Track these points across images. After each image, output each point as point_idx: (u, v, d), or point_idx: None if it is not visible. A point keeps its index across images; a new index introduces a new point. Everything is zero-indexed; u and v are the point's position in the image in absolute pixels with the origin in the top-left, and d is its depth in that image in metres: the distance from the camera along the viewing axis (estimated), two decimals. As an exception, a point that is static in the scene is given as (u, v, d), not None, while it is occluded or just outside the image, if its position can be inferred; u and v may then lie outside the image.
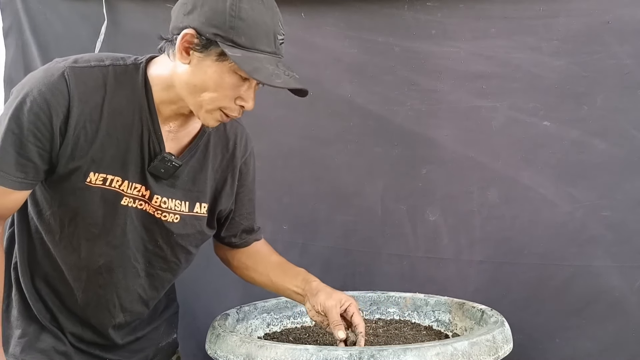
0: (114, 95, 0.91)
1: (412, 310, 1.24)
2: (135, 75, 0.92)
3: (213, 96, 0.88)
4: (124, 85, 0.92)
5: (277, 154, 1.59)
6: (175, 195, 0.98)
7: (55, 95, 0.87)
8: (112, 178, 0.93)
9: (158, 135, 0.94)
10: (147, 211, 0.97)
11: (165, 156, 0.94)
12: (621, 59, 1.32)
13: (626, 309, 1.34)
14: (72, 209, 0.93)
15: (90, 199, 0.92)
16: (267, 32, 0.88)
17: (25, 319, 1.00)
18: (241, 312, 1.18)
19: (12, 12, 1.73)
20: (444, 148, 1.46)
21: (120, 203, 0.94)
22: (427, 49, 1.45)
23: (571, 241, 1.38)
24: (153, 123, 0.93)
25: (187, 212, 1.00)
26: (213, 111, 0.90)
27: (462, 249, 1.46)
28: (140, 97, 0.92)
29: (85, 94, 0.89)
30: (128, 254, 0.98)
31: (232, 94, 0.89)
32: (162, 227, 0.98)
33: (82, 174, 0.91)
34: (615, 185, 1.35)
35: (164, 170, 0.95)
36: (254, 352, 0.92)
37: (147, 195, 0.96)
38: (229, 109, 0.90)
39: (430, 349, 0.87)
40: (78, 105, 0.88)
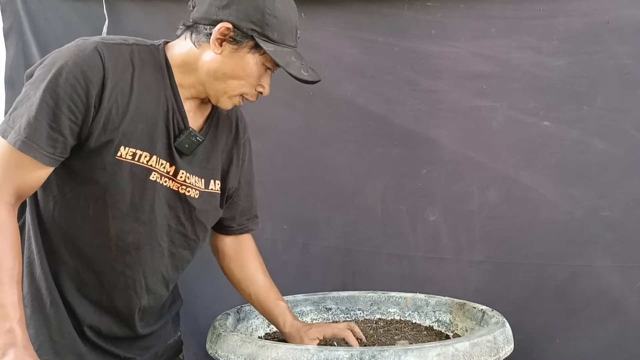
0: (141, 71, 0.95)
1: (412, 311, 1.24)
2: (157, 54, 0.97)
3: (240, 83, 0.97)
4: (148, 63, 0.96)
5: (277, 154, 1.59)
6: (195, 171, 1.02)
7: (91, 67, 0.89)
8: (140, 153, 0.95)
9: (182, 112, 0.99)
10: (171, 188, 1.00)
11: (191, 131, 0.99)
12: (621, 59, 1.32)
13: (626, 309, 1.34)
14: (101, 185, 0.94)
15: (120, 174, 0.94)
16: (291, 29, 0.97)
17: (39, 317, 0.98)
18: (242, 312, 1.19)
19: (13, 12, 1.72)
20: (444, 148, 1.46)
21: (149, 178, 0.96)
22: (427, 49, 1.45)
23: (571, 241, 1.38)
24: (176, 100, 0.98)
25: (204, 188, 1.04)
26: (234, 97, 0.98)
27: (462, 249, 1.46)
28: (164, 74, 0.97)
29: (117, 67, 0.92)
30: (155, 232, 0.99)
31: (256, 81, 0.98)
32: (185, 203, 1.01)
33: (114, 148, 0.93)
34: (615, 185, 1.35)
35: (189, 145, 0.99)
36: (255, 352, 0.92)
37: (172, 171, 0.99)
38: (250, 94, 0.99)
39: (431, 350, 0.87)
40: (112, 78, 0.91)
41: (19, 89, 1.77)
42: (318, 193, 1.57)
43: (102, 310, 1.01)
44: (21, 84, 1.78)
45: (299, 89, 1.57)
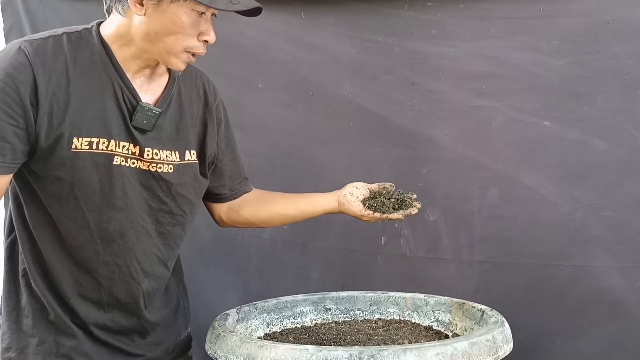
0: (75, 58, 0.92)
1: (412, 310, 1.24)
2: (90, 37, 0.94)
3: (177, 38, 0.91)
4: (82, 49, 0.93)
5: (277, 154, 1.59)
6: (165, 146, 0.99)
7: (17, 68, 0.88)
8: (97, 140, 0.93)
9: (130, 89, 0.95)
10: (141, 168, 0.97)
11: (143, 105, 0.95)
12: (621, 59, 1.32)
13: (627, 309, 1.34)
14: (66, 182, 0.92)
15: (82, 166, 0.92)
16: None
17: (42, 325, 0.98)
18: (241, 312, 1.18)
19: (13, 12, 1.73)
20: (444, 148, 1.46)
21: (113, 163, 0.94)
22: (427, 49, 1.45)
23: (571, 241, 1.37)
24: (122, 78, 0.95)
25: (179, 161, 1.01)
26: (179, 54, 0.93)
27: (462, 249, 1.45)
28: (102, 55, 0.94)
29: (46, 61, 0.89)
30: (134, 215, 0.98)
31: (193, 31, 0.92)
32: (160, 179, 0.99)
33: (66, 142, 0.91)
34: (615, 185, 1.35)
35: (147, 121, 0.96)
36: (254, 352, 0.91)
37: (137, 151, 0.96)
38: (195, 47, 0.93)
39: (430, 349, 0.87)
40: (43, 73, 0.89)
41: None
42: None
43: (106, 307, 1.01)
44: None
45: (299, 89, 1.59)
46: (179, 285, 1.16)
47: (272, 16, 1.55)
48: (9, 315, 0.99)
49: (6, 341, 0.98)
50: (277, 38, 1.57)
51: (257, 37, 1.58)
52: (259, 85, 1.60)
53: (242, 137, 1.23)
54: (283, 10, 1.55)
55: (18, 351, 0.97)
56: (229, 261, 1.62)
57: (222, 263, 1.38)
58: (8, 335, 0.98)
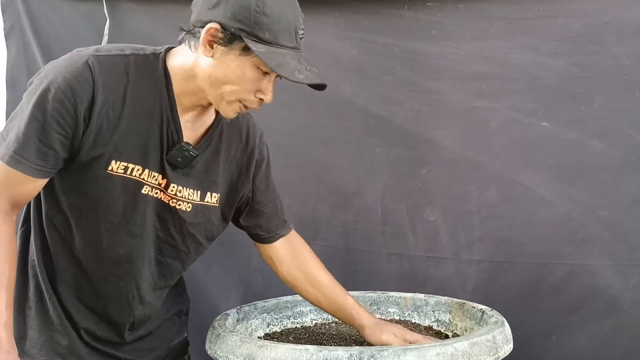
0: (135, 83, 0.92)
1: (412, 311, 1.25)
2: (156, 64, 0.94)
3: (234, 89, 0.91)
4: (145, 74, 0.93)
5: (277, 154, 1.57)
6: (189, 184, 1.00)
7: (80, 82, 0.88)
8: (133, 167, 0.94)
9: (177, 125, 0.96)
10: (162, 200, 0.98)
11: (183, 145, 0.96)
12: (620, 60, 1.33)
13: (622, 307, 1.35)
14: (93, 198, 0.93)
15: (112, 188, 0.93)
16: (289, 28, 0.90)
17: (42, 319, 0.99)
18: (241, 312, 1.19)
19: (14, 12, 1.71)
20: (443, 148, 1.46)
21: (141, 192, 0.95)
22: (427, 49, 1.46)
23: (569, 240, 1.39)
24: (172, 112, 0.95)
25: (199, 201, 1.02)
26: (233, 103, 0.93)
27: (462, 249, 1.46)
28: (161, 86, 0.94)
29: (109, 81, 0.90)
30: (146, 243, 0.99)
31: (253, 87, 0.92)
32: (175, 215, 0.99)
33: (105, 162, 0.92)
34: (612, 185, 1.36)
35: (181, 159, 0.96)
36: (254, 352, 0.92)
37: (163, 184, 0.97)
38: (249, 101, 0.93)
39: (431, 349, 0.88)
40: (102, 93, 0.89)
41: (20, 88, 1.78)
42: (318, 193, 1.57)
43: (97, 317, 1.02)
44: (22, 83, 1.79)
45: (299, 89, 1.59)
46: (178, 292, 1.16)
47: (272, 16, 1.54)
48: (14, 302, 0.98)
49: None
50: (277, 38, 1.56)
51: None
52: (259, 85, 1.59)
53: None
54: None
55: (18, 338, 0.97)
56: (230, 261, 1.63)
57: (223, 263, 1.38)
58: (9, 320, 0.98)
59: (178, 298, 1.16)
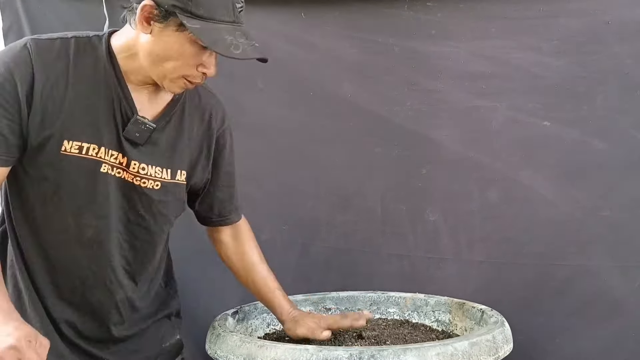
0: (77, 63, 0.92)
1: (412, 311, 1.25)
2: (99, 44, 0.95)
3: (175, 65, 0.91)
4: (88, 54, 0.93)
5: (277, 154, 1.59)
6: (156, 162, 0.99)
7: (18, 64, 0.88)
8: (87, 146, 0.93)
9: (129, 101, 0.95)
10: (125, 179, 0.97)
11: (138, 119, 0.95)
12: (621, 59, 1.32)
13: (626, 309, 1.34)
14: (53, 182, 0.93)
15: (69, 169, 0.92)
16: (225, 3, 0.89)
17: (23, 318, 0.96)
18: (241, 312, 1.19)
19: (12, 12, 1.72)
20: (444, 148, 1.46)
21: (100, 171, 0.94)
22: (427, 49, 1.46)
23: (571, 241, 1.38)
24: (122, 89, 0.94)
25: (169, 179, 1.01)
26: (176, 79, 0.93)
27: (462, 249, 1.46)
28: (106, 63, 0.94)
29: (48, 62, 0.90)
30: (113, 224, 0.98)
31: (194, 61, 0.91)
32: (142, 194, 0.98)
33: (56, 143, 0.91)
34: (614, 185, 1.35)
35: (139, 134, 0.95)
36: (254, 352, 0.92)
37: (124, 162, 0.96)
38: (192, 76, 0.93)
39: (431, 349, 0.87)
40: (42, 72, 0.89)
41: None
42: (318, 193, 1.57)
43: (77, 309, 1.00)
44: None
45: (299, 89, 1.59)
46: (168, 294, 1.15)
47: (272, 16, 1.55)
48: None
49: None
50: (277, 38, 1.57)
51: (257, 37, 1.57)
52: (258, 85, 1.59)
53: (241, 137, 1.23)
54: (283, 10, 1.54)
55: None
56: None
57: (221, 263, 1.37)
58: None
59: (168, 300, 1.15)
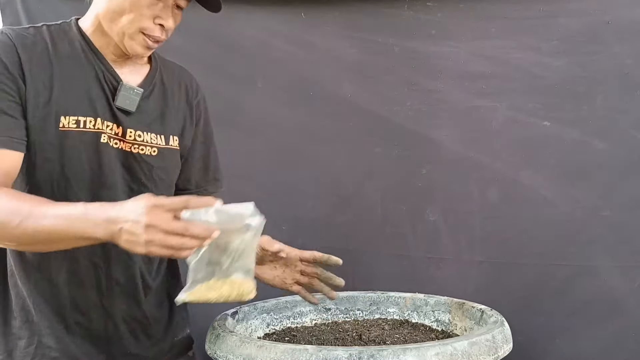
0: (54, 44, 0.95)
1: (412, 310, 1.24)
2: (69, 28, 0.99)
3: (131, 17, 0.93)
4: (62, 37, 0.97)
5: (277, 154, 1.59)
6: (150, 129, 1.01)
7: (3, 48, 0.90)
8: (84, 119, 0.94)
9: (111, 72, 0.98)
10: (123, 149, 0.98)
11: (125, 85, 0.97)
12: (621, 59, 1.32)
13: (626, 309, 1.34)
14: (57, 162, 0.93)
15: (70, 145, 0.93)
16: None
17: (29, 327, 0.97)
18: (241, 312, 1.18)
19: (12, 12, 1.72)
20: (444, 148, 1.46)
21: (100, 141, 0.96)
22: (427, 49, 1.46)
23: (571, 241, 1.38)
24: (102, 62, 0.98)
25: (164, 145, 1.03)
26: (135, 35, 0.95)
27: (462, 249, 1.46)
28: (80, 42, 0.97)
29: (27, 44, 0.93)
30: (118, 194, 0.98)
31: (149, 12, 0.93)
32: (142, 161, 1.00)
33: (54, 120, 0.92)
34: (614, 185, 1.35)
35: (129, 100, 0.97)
36: (254, 352, 0.91)
37: (119, 132, 0.98)
38: (149, 29, 0.95)
39: (430, 349, 0.87)
40: (25, 53, 0.91)
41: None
42: (318, 193, 1.57)
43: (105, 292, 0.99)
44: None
45: (299, 89, 1.59)
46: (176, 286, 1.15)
47: (272, 16, 1.55)
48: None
49: None
50: (277, 38, 1.57)
51: (257, 37, 1.58)
52: (258, 85, 1.59)
53: (241, 136, 1.23)
54: (283, 10, 1.54)
55: (6, 354, 0.96)
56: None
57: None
58: None
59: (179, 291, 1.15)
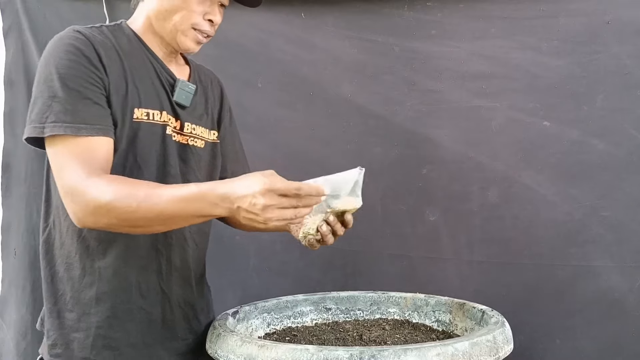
0: (119, 43, 1.00)
1: (412, 311, 1.24)
2: (124, 29, 1.04)
3: (183, 14, 1.00)
4: (120, 36, 1.02)
5: (277, 154, 1.59)
6: (199, 122, 1.08)
7: (83, 44, 0.94)
8: (153, 112, 1.00)
9: (167, 69, 1.05)
10: (181, 142, 1.05)
11: (182, 81, 1.05)
12: (621, 59, 1.33)
13: (626, 309, 1.34)
14: (130, 152, 0.97)
15: (142, 136, 0.98)
16: None
17: (86, 319, 0.99)
18: (242, 311, 1.18)
19: (12, 12, 1.72)
20: (444, 148, 1.46)
21: (166, 133, 1.02)
22: (427, 49, 1.46)
23: (571, 241, 1.38)
24: (157, 60, 1.04)
25: (209, 138, 1.11)
26: (187, 31, 1.01)
27: (462, 249, 1.46)
28: (137, 42, 1.03)
29: (100, 41, 0.97)
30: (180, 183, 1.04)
31: (200, 9, 1.01)
32: (195, 154, 1.06)
33: (129, 111, 0.97)
34: (614, 185, 1.35)
35: (185, 96, 1.05)
36: (255, 352, 0.91)
37: (177, 126, 1.04)
38: (200, 24, 1.01)
39: (431, 349, 0.87)
40: (100, 48, 0.96)
41: (18, 88, 1.77)
42: (318, 193, 1.56)
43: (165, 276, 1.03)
44: (20, 83, 1.78)
45: (299, 89, 1.59)
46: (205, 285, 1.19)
47: (272, 16, 1.55)
48: (50, 312, 1.00)
49: (51, 338, 0.99)
50: (277, 38, 1.57)
51: (257, 37, 1.58)
52: (258, 85, 1.59)
53: (241, 136, 1.23)
54: (283, 10, 1.54)
55: (64, 347, 0.98)
56: (227, 262, 1.62)
57: (219, 264, 1.37)
58: (52, 332, 0.99)
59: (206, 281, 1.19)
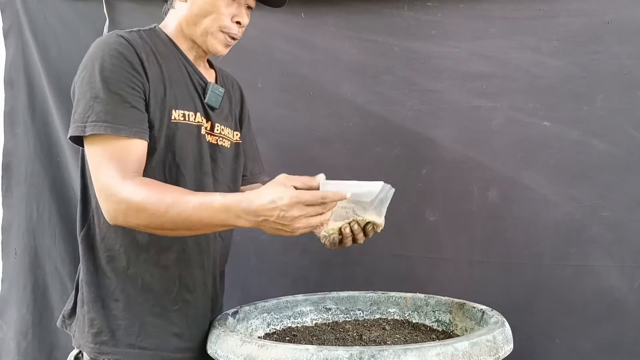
0: (156, 47, 1.04)
1: (412, 311, 1.24)
2: (158, 33, 1.08)
3: (213, 17, 1.05)
4: (157, 41, 1.06)
5: (277, 154, 1.58)
6: (227, 123, 1.13)
7: (125, 48, 0.98)
8: (188, 113, 1.04)
9: (198, 73, 1.10)
10: (211, 142, 1.09)
11: (213, 84, 1.10)
12: (621, 59, 1.33)
13: (625, 309, 1.34)
14: (169, 151, 1.01)
15: (180, 136, 1.02)
16: None
17: (131, 308, 1.02)
18: (241, 312, 1.18)
19: (12, 12, 1.72)
20: (444, 148, 1.46)
21: (201, 133, 1.06)
22: (427, 49, 1.46)
23: (571, 241, 1.38)
24: (189, 64, 1.09)
25: (234, 139, 1.16)
26: (217, 33, 1.06)
27: (462, 249, 1.46)
28: (170, 45, 1.07)
29: (140, 45, 1.01)
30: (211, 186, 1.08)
31: (228, 12, 1.06)
32: (223, 153, 1.11)
33: (168, 113, 1.01)
34: (614, 185, 1.35)
35: (215, 99, 1.10)
36: (255, 352, 0.91)
37: (208, 127, 1.09)
38: (228, 27, 1.06)
39: (431, 349, 0.87)
40: (141, 52, 1.00)
41: (18, 88, 1.77)
42: (318, 193, 1.56)
43: (206, 270, 1.08)
44: (20, 83, 1.78)
45: (299, 89, 1.59)
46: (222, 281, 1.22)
47: (272, 16, 1.55)
48: (94, 302, 1.02)
49: (96, 326, 1.01)
50: (277, 38, 1.57)
51: (257, 37, 1.58)
52: (258, 85, 1.59)
53: (241, 137, 1.24)
54: (283, 10, 1.54)
55: (110, 334, 1.00)
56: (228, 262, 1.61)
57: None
58: (98, 320, 1.01)
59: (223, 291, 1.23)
